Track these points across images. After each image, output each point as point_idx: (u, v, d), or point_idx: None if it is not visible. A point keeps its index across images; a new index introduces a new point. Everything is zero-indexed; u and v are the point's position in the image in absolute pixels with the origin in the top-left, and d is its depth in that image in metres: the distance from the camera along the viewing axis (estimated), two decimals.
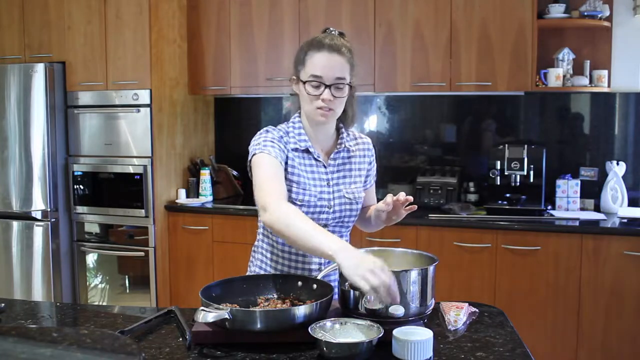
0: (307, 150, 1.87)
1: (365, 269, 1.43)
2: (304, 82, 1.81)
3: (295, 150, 1.86)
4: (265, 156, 1.78)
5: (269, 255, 1.93)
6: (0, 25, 4.28)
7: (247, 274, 2.00)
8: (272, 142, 1.82)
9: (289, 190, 1.82)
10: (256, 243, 1.99)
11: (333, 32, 1.87)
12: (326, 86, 1.78)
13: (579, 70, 3.58)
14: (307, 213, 1.79)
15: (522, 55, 3.48)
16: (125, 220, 4.02)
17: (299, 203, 1.82)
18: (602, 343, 3.20)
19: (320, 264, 1.89)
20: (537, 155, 3.57)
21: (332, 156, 1.90)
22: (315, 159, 1.88)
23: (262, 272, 1.94)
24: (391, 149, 4.10)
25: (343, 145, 1.92)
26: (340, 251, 1.51)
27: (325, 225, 1.85)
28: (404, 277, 1.50)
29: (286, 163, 1.83)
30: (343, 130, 1.95)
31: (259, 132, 1.88)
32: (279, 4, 3.93)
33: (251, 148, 1.84)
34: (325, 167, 1.89)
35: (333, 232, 1.87)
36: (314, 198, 1.84)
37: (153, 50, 3.87)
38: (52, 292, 4.06)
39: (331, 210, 1.86)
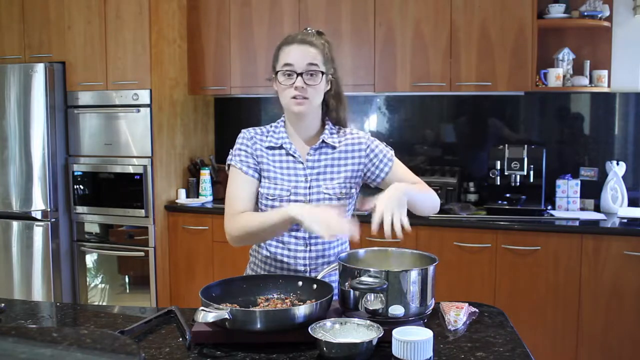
0: (282, 147, 1.89)
1: (325, 219, 1.63)
2: (277, 74, 1.85)
3: (271, 148, 1.89)
4: (232, 169, 1.89)
5: (259, 256, 1.95)
6: (0, 25, 4.28)
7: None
8: (240, 149, 1.89)
9: (263, 187, 1.87)
10: (253, 247, 2.01)
11: (310, 31, 1.91)
12: (298, 74, 1.81)
13: (579, 70, 3.58)
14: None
15: (522, 55, 3.47)
16: (125, 220, 4.02)
17: (270, 198, 1.85)
18: (602, 343, 3.20)
19: (305, 265, 1.88)
20: (537, 155, 3.57)
21: (309, 152, 1.89)
22: (291, 155, 1.88)
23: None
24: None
25: (322, 141, 1.89)
26: (296, 208, 1.69)
27: None
28: (404, 277, 1.51)
29: (259, 162, 1.88)
30: (327, 126, 1.92)
31: (239, 135, 1.93)
32: (279, 4, 3.93)
33: (230, 153, 1.92)
34: (302, 163, 1.88)
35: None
36: (285, 192, 1.85)
37: (153, 50, 3.87)
38: (52, 292, 4.06)
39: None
